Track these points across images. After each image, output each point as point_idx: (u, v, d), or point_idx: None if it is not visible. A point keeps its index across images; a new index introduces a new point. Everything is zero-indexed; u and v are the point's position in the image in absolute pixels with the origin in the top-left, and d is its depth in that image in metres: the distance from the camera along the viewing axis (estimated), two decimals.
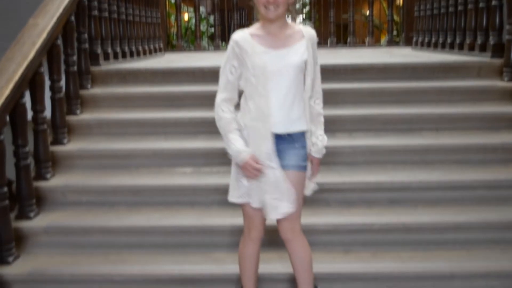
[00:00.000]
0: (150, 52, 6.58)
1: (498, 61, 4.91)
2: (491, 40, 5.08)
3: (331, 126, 4.37)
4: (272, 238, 3.20)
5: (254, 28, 2.80)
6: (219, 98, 2.80)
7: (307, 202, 3.76)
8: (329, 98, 4.58)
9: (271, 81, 2.70)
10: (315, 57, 2.83)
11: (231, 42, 2.77)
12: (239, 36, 2.76)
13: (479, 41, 5.29)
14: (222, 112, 2.78)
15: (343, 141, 4.27)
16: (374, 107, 4.59)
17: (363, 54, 6.78)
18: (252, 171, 2.72)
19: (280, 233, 2.91)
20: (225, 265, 3.37)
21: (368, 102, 4.66)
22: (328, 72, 4.92)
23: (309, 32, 2.83)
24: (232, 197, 2.90)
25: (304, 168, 2.86)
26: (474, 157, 4.12)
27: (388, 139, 4.27)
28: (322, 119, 2.92)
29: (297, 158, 2.82)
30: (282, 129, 2.76)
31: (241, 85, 2.80)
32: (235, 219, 3.32)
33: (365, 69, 5.02)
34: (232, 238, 3.54)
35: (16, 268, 3.40)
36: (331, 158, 4.10)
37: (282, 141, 2.78)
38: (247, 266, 3.00)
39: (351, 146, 4.18)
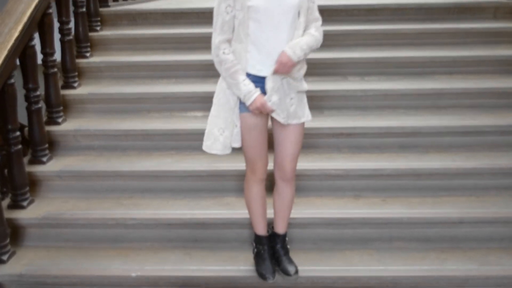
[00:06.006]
0: None
1: None
2: None
3: (343, 69, 4.38)
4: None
5: None
6: (217, 40, 2.72)
7: (317, 147, 3.81)
8: (341, 40, 4.60)
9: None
10: None
11: None
12: None
13: None
14: (224, 54, 2.71)
15: (355, 85, 4.24)
16: (387, 49, 4.54)
17: None
18: (263, 111, 2.73)
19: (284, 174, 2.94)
20: (235, 209, 3.41)
21: (381, 45, 4.60)
22: (340, 13, 4.90)
23: None
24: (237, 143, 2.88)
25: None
26: (487, 102, 4.08)
27: (401, 83, 4.22)
28: (313, 35, 2.77)
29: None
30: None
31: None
32: None
33: (378, 10, 4.93)
34: (243, 183, 3.57)
35: (31, 212, 3.46)
36: (342, 102, 4.11)
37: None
38: (255, 208, 3.03)
39: (363, 90, 4.13)
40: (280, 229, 3.08)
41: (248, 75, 2.73)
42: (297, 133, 2.87)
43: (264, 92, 2.72)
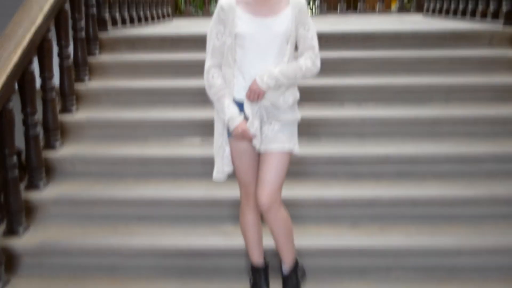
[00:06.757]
0: (158, 18, 6.50)
1: (510, 29, 4.86)
2: (504, 7, 5.00)
3: (340, 96, 4.39)
4: None
5: None
6: (207, 64, 2.79)
7: (314, 174, 3.80)
8: (338, 67, 4.61)
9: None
10: (305, 23, 2.75)
11: (217, 7, 2.73)
12: (225, 1, 2.71)
13: (491, 8, 5.23)
14: (213, 78, 2.77)
15: (352, 112, 4.25)
16: (383, 76, 4.55)
17: (373, 21, 6.68)
18: (245, 137, 2.73)
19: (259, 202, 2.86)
20: (232, 238, 3.36)
21: (378, 71, 4.60)
22: (337, 40, 4.92)
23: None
24: (228, 167, 2.88)
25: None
26: (483, 129, 4.08)
27: (398, 110, 4.23)
28: (297, 64, 2.76)
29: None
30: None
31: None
32: None
33: (375, 37, 4.97)
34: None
35: (26, 240, 3.43)
36: (339, 129, 4.12)
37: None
38: (250, 235, 2.99)
39: (360, 117, 4.14)
40: (282, 261, 3.03)
41: (235, 100, 2.75)
42: (277, 160, 2.79)
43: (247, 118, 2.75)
